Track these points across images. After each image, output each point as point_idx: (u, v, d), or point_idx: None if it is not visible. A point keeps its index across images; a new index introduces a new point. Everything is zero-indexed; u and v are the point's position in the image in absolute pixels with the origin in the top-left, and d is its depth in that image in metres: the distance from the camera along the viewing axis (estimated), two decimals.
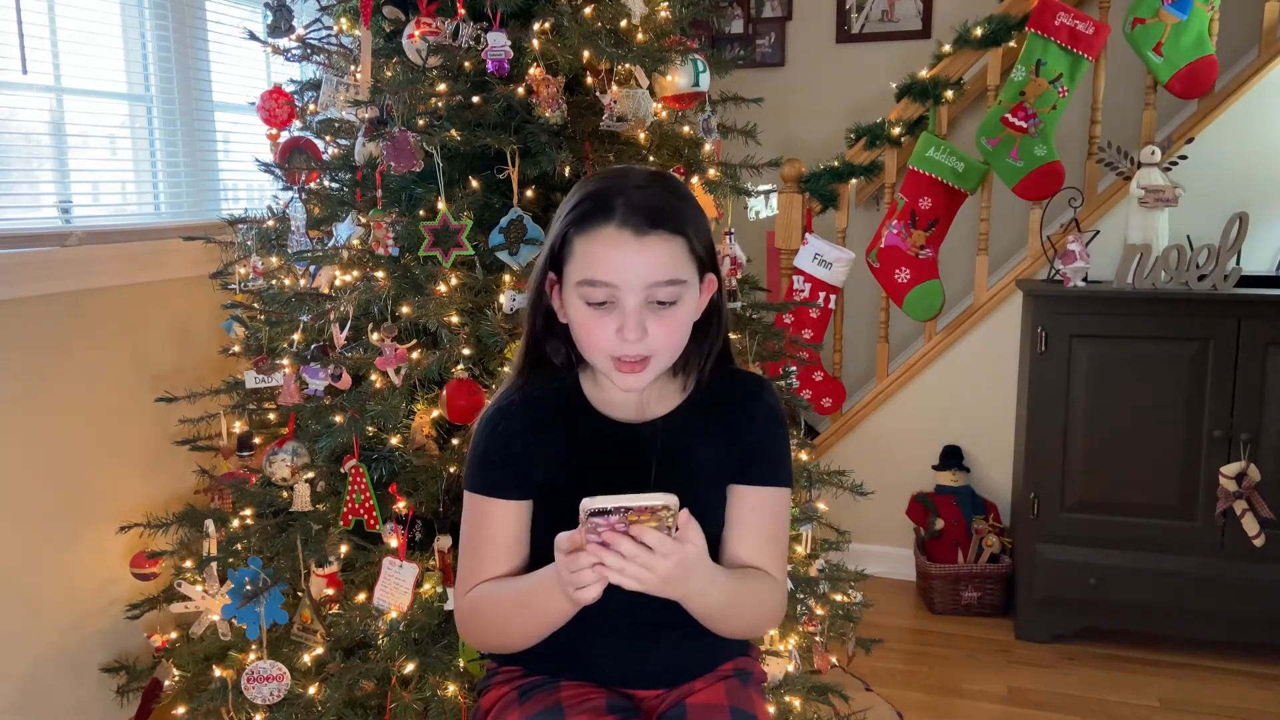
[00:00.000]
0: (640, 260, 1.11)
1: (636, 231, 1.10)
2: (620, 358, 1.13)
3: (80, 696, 2.13)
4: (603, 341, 1.13)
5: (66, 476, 2.09)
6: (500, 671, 1.31)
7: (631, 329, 1.11)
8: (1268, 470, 2.59)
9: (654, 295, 1.12)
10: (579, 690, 1.23)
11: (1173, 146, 2.80)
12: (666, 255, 1.12)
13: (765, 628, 1.28)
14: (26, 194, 2.10)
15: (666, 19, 1.86)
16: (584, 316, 1.14)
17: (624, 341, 1.12)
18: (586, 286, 1.12)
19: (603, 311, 1.13)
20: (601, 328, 1.13)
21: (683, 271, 1.14)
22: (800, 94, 4.01)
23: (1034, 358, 2.75)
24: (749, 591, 1.20)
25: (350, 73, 1.76)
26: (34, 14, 2.03)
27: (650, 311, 1.13)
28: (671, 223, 1.12)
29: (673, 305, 1.14)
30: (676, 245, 1.13)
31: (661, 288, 1.12)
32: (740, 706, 1.22)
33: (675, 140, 1.92)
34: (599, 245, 1.11)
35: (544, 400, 1.23)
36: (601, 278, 1.11)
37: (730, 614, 1.18)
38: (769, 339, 2.01)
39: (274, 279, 1.91)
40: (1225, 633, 2.70)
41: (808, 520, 1.98)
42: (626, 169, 1.20)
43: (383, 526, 1.60)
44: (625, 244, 1.10)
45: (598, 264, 1.11)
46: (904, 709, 2.46)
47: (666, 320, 1.13)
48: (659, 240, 1.11)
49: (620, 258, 1.10)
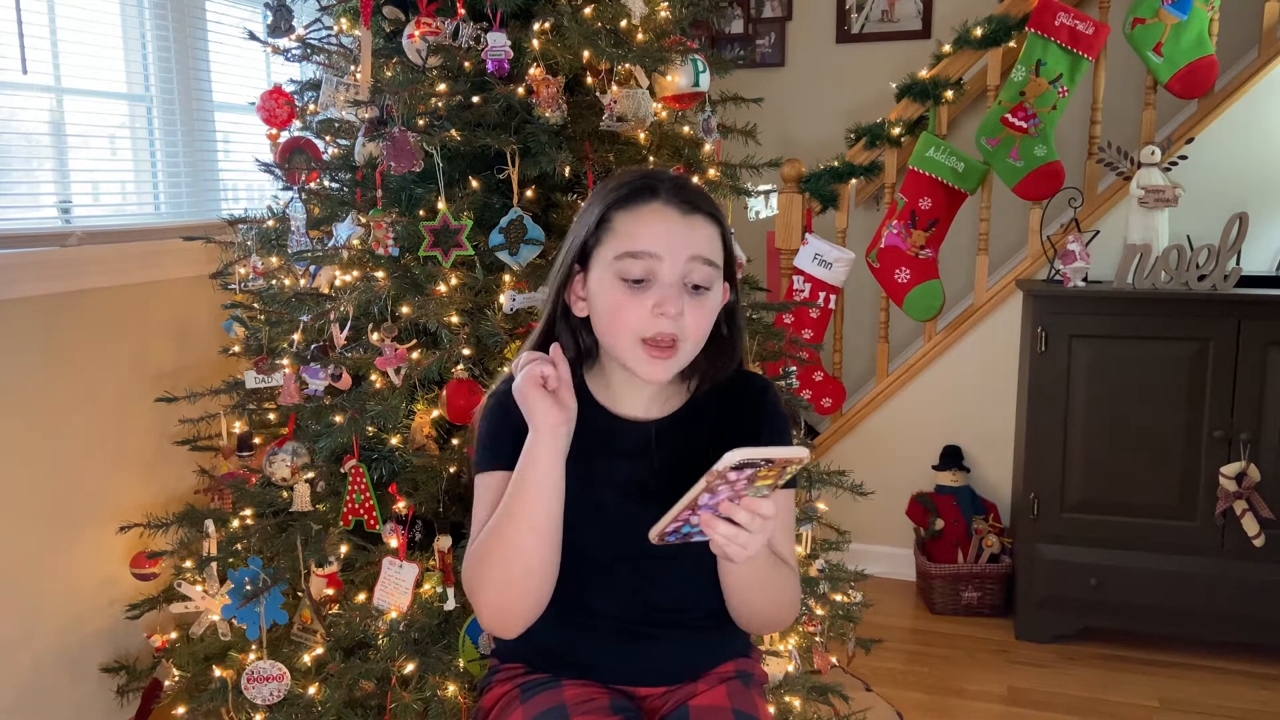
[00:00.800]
0: (685, 234, 1.13)
1: (682, 211, 1.14)
2: (653, 338, 1.12)
3: (80, 696, 2.13)
4: (634, 321, 1.12)
5: (66, 476, 2.09)
6: (502, 669, 1.31)
7: (672, 302, 1.11)
8: (1268, 470, 2.59)
9: (690, 275, 1.13)
10: (582, 690, 1.23)
11: (1173, 146, 2.80)
12: (707, 236, 1.15)
13: (785, 615, 1.27)
14: (26, 194, 2.10)
15: (666, 19, 1.86)
16: (617, 294, 1.13)
17: (660, 317, 1.11)
18: (627, 259, 1.12)
19: (638, 289, 1.12)
20: (635, 305, 1.12)
21: (718, 257, 1.16)
22: (800, 94, 4.01)
23: (1034, 358, 2.75)
24: (777, 570, 1.22)
25: (350, 73, 1.76)
26: (34, 14, 2.03)
27: (686, 294, 1.13)
28: (712, 209, 1.17)
29: (705, 292, 1.15)
30: (715, 231, 1.17)
31: (700, 265, 1.13)
32: (742, 709, 1.22)
33: (675, 140, 1.92)
34: (644, 218, 1.13)
35: None
36: (645, 248, 1.12)
37: (763, 589, 1.19)
38: (769, 339, 2.00)
39: (274, 279, 1.91)
40: (1225, 633, 2.70)
41: (808, 520, 1.98)
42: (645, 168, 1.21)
43: (383, 526, 1.60)
44: (671, 218, 1.13)
45: (641, 235, 1.12)
46: (904, 709, 2.46)
47: (698, 306, 1.14)
48: (702, 221, 1.15)
49: (665, 230, 1.12)
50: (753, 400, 1.27)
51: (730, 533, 1.03)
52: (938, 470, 3.13)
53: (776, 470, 0.99)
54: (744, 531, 1.03)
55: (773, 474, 1.00)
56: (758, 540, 1.04)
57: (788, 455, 0.98)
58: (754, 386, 1.28)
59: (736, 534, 1.03)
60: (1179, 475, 2.67)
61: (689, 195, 1.15)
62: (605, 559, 1.19)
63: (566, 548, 1.18)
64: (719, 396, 1.25)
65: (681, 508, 1.02)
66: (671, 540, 1.07)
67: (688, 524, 1.05)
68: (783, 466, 0.99)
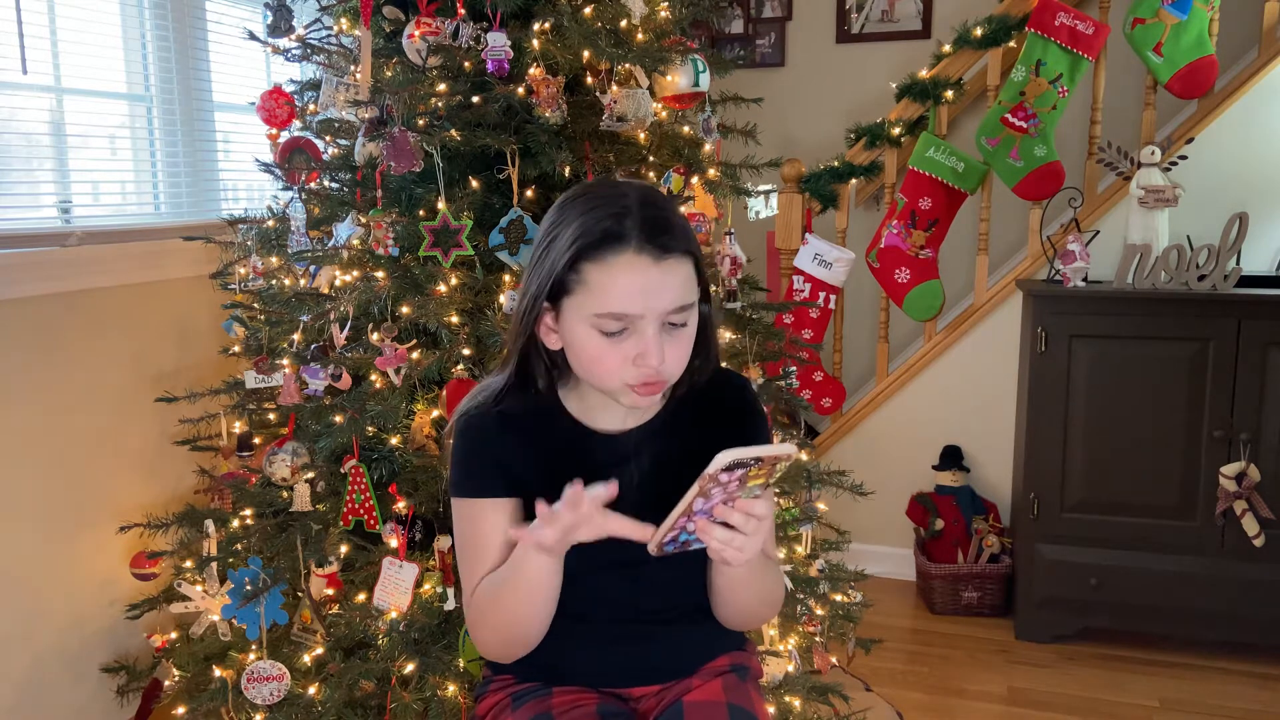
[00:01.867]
0: (662, 288, 1.08)
1: (655, 257, 1.07)
2: (638, 384, 1.11)
3: (80, 696, 2.13)
4: (615, 368, 1.10)
5: (66, 476, 2.09)
6: (495, 679, 1.31)
7: (654, 355, 1.08)
8: (1268, 470, 2.59)
9: (669, 318, 1.10)
10: (570, 696, 1.23)
11: (1173, 146, 2.80)
12: (682, 279, 1.10)
13: (772, 610, 1.28)
14: (26, 194, 2.10)
15: (666, 19, 1.86)
16: (595, 347, 1.10)
17: (644, 369, 1.09)
18: (607, 319, 1.08)
19: (617, 340, 1.09)
20: (616, 355, 1.10)
21: (693, 294, 1.12)
22: (800, 94, 4.01)
23: (1034, 358, 2.75)
24: (766, 568, 1.22)
25: (350, 73, 1.76)
26: (34, 14, 2.03)
27: (665, 334, 1.11)
28: (683, 243, 1.10)
29: (684, 326, 1.12)
30: (689, 267, 1.11)
31: (678, 313, 1.10)
32: (738, 703, 1.22)
33: (675, 140, 1.92)
34: (619, 274, 1.07)
35: (521, 414, 1.20)
36: (623, 309, 1.07)
37: (753, 588, 1.20)
38: (769, 339, 2.01)
39: (274, 279, 1.91)
40: (1225, 633, 2.70)
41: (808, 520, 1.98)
42: (609, 182, 1.16)
43: (383, 526, 1.60)
44: (647, 270, 1.07)
45: (617, 295, 1.07)
46: (904, 709, 2.46)
47: (678, 342, 1.12)
48: (676, 264, 1.09)
49: (641, 286, 1.07)
50: (731, 401, 1.25)
51: (726, 537, 1.03)
52: (938, 470, 3.13)
53: (767, 469, 1.00)
54: (739, 535, 1.03)
55: (763, 473, 1.00)
56: (754, 542, 1.04)
57: (777, 453, 0.98)
58: (731, 386, 1.27)
59: (732, 538, 1.03)
60: (1179, 475, 2.67)
61: (660, 238, 1.08)
62: (591, 570, 1.18)
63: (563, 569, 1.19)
64: (696, 399, 1.24)
65: (677, 516, 1.01)
66: (670, 550, 1.07)
67: (685, 531, 1.04)
68: (773, 464, 0.99)
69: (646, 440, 1.21)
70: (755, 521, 1.03)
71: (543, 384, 1.19)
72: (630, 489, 1.18)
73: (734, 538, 1.03)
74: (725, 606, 1.23)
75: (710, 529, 1.03)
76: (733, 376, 1.29)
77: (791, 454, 0.99)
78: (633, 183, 1.16)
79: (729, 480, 0.98)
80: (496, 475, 1.19)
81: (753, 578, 1.19)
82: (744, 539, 1.03)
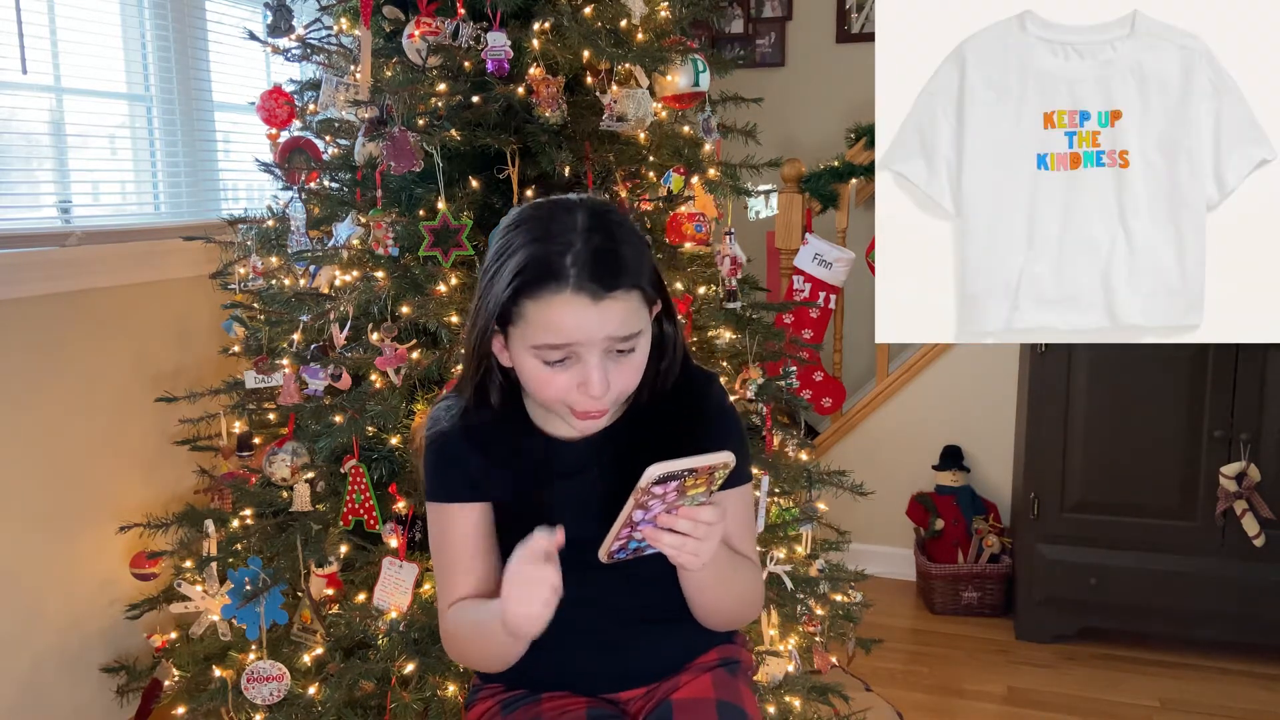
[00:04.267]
0: (599, 322, 1.06)
1: (594, 297, 1.05)
2: (583, 411, 1.10)
3: (80, 697, 2.13)
4: (560, 393, 1.09)
5: (66, 476, 2.09)
6: (485, 687, 1.30)
7: (596, 384, 1.07)
8: (1268, 470, 2.59)
9: (613, 345, 1.08)
10: (559, 703, 1.22)
11: None
12: (624, 313, 1.07)
13: (750, 610, 1.27)
14: (26, 194, 2.11)
15: (666, 19, 1.86)
16: (539, 372, 1.09)
17: (587, 396, 1.08)
18: (546, 349, 1.07)
19: (560, 368, 1.08)
20: (559, 382, 1.08)
21: (639, 323, 1.10)
22: (800, 94, 4.01)
23: (1034, 358, 2.75)
24: (737, 568, 1.21)
25: (350, 73, 1.75)
26: (34, 14, 2.03)
27: (610, 360, 1.09)
28: (627, 278, 1.07)
29: (632, 351, 1.10)
30: (633, 300, 1.09)
31: (620, 342, 1.08)
32: (727, 699, 1.20)
33: (675, 140, 1.92)
34: (554, 311, 1.05)
35: (484, 426, 1.19)
36: (560, 340, 1.06)
37: (724, 588, 1.19)
38: (769, 339, 2.00)
39: (274, 279, 1.91)
40: (1225, 633, 2.70)
41: (808, 520, 1.98)
42: (562, 204, 1.12)
43: (383, 526, 1.60)
44: (585, 310, 1.05)
45: (554, 329, 1.05)
46: (904, 709, 2.46)
47: (625, 367, 1.10)
48: (617, 301, 1.06)
49: (578, 323, 1.05)
50: (696, 400, 1.23)
51: (677, 542, 1.03)
52: (938, 470, 3.13)
53: (704, 478, 0.99)
54: (691, 539, 1.03)
55: (701, 481, 1.00)
56: (708, 546, 1.04)
57: (710, 462, 0.97)
58: (695, 384, 1.23)
59: (684, 543, 1.03)
60: (1179, 475, 2.67)
61: (601, 276, 1.05)
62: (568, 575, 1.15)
63: None
64: (661, 399, 1.21)
65: (619, 527, 1.01)
66: (621, 557, 1.07)
67: (633, 539, 1.05)
68: (710, 473, 0.98)
69: (608, 444, 1.19)
70: (705, 526, 1.03)
71: (496, 400, 1.18)
72: (594, 494, 1.17)
73: (685, 542, 1.03)
74: (699, 608, 1.22)
75: (659, 535, 1.03)
76: (699, 375, 1.25)
77: (728, 462, 0.99)
78: (585, 202, 1.12)
79: (665, 492, 0.98)
80: (465, 481, 1.19)
81: (721, 579, 1.17)
82: (696, 543, 1.03)
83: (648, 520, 1.02)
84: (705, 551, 1.04)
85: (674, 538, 1.03)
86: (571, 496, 1.18)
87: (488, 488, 1.20)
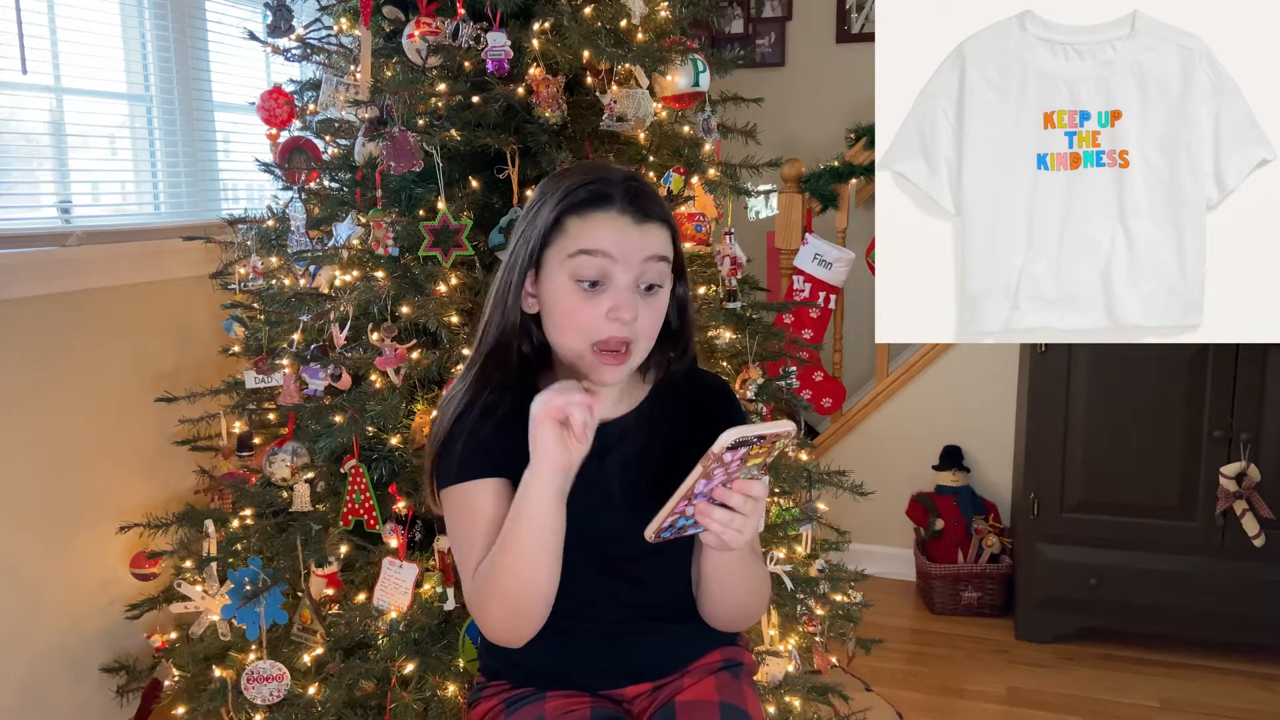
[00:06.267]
0: (639, 240, 1.13)
1: (636, 219, 1.14)
2: (605, 341, 1.12)
3: (80, 696, 2.13)
4: (588, 324, 1.12)
5: (66, 476, 2.09)
6: (489, 685, 1.30)
7: (626, 307, 1.11)
8: (1268, 470, 2.59)
9: (645, 275, 1.14)
10: (564, 701, 1.23)
11: None
12: (660, 239, 1.16)
13: (761, 606, 1.28)
14: (26, 194, 2.10)
15: (666, 19, 1.86)
16: (571, 298, 1.13)
17: (615, 321, 1.11)
18: (582, 256, 1.12)
19: (592, 293, 1.12)
20: (590, 309, 1.12)
21: (670, 253, 1.17)
22: (800, 94, 4.01)
23: (1034, 358, 2.75)
24: (755, 558, 1.24)
25: (350, 73, 1.75)
26: (34, 14, 2.03)
27: (639, 296, 1.14)
28: (664, 214, 1.17)
29: (658, 291, 1.16)
30: (667, 234, 1.17)
31: (654, 264, 1.14)
32: (730, 701, 1.21)
33: (675, 140, 1.92)
34: (598, 225, 1.13)
35: (503, 409, 1.19)
36: (602, 247, 1.11)
37: (745, 579, 1.20)
38: (769, 339, 2.00)
39: (274, 279, 1.91)
40: (1225, 633, 2.70)
41: (808, 520, 1.97)
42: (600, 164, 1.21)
43: (383, 526, 1.60)
44: (627, 228, 1.13)
45: (599, 238, 1.12)
46: (904, 709, 2.46)
47: (651, 306, 1.15)
48: (655, 227, 1.15)
49: (619, 237, 1.12)
50: (710, 398, 1.28)
51: (726, 518, 1.05)
52: (938, 470, 3.14)
53: (767, 447, 1.01)
54: (739, 515, 1.05)
55: (763, 451, 1.02)
56: (751, 524, 1.06)
57: (779, 430, 1.00)
58: (710, 385, 1.30)
59: (732, 519, 1.05)
60: (1179, 475, 2.67)
61: (643, 203, 1.15)
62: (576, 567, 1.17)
63: None
64: (674, 396, 1.25)
65: (679, 499, 1.02)
66: (668, 536, 1.07)
67: (683, 516, 1.05)
68: (773, 442, 1.01)
69: (628, 430, 1.22)
70: (753, 502, 1.05)
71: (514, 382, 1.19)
72: (613, 480, 1.19)
73: (734, 518, 1.05)
74: (715, 603, 1.22)
75: (710, 511, 1.04)
76: (711, 378, 1.32)
77: (791, 430, 1.01)
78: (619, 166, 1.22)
79: (731, 460, 1.00)
80: (485, 458, 1.18)
81: (744, 567, 1.20)
82: (743, 519, 1.05)
83: (705, 493, 1.03)
84: (749, 529, 1.06)
85: (724, 514, 1.05)
86: (586, 482, 1.16)
87: (505, 470, 1.18)
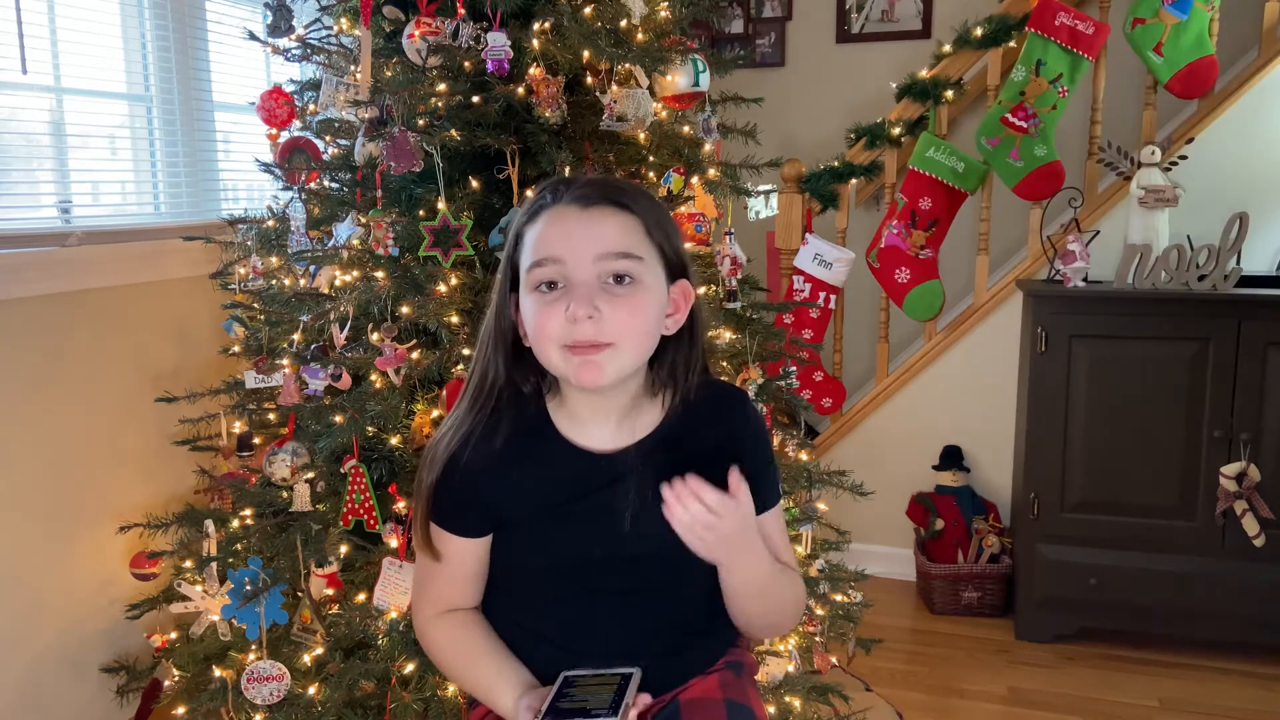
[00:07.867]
0: (586, 232, 1.06)
1: (580, 205, 1.08)
2: (573, 345, 1.05)
3: (80, 697, 2.13)
4: (554, 329, 1.06)
5: (66, 476, 2.09)
6: None
7: (581, 304, 1.03)
8: (1268, 470, 2.59)
9: (606, 271, 1.06)
10: None
11: (1173, 146, 2.80)
12: (616, 228, 1.08)
13: (793, 617, 1.25)
14: (26, 194, 2.10)
15: (666, 19, 1.86)
16: (536, 306, 1.08)
17: (574, 322, 1.04)
18: (536, 269, 1.07)
19: (553, 297, 1.06)
20: (552, 314, 1.06)
21: (637, 247, 1.08)
22: (800, 94, 4.01)
23: (1034, 358, 2.75)
24: (783, 572, 1.21)
25: (350, 73, 1.75)
26: (34, 14, 2.03)
27: (604, 292, 1.06)
28: (620, 199, 1.09)
29: (630, 285, 1.07)
30: (627, 220, 1.09)
31: (612, 260, 1.06)
32: (735, 699, 1.20)
33: (675, 140, 1.92)
34: (546, 226, 1.08)
35: (507, 433, 1.15)
36: (546, 253, 1.07)
37: (769, 591, 1.18)
38: (769, 339, 2.00)
39: (274, 279, 1.90)
40: (1225, 633, 2.70)
41: (808, 520, 1.97)
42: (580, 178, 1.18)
43: (383, 526, 1.60)
44: (570, 217, 1.07)
45: (544, 242, 1.08)
46: (904, 709, 2.46)
47: (624, 302, 1.06)
48: (606, 212, 1.08)
49: (563, 231, 1.07)
50: (732, 415, 1.21)
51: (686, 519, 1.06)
52: (938, 470, 3.13)
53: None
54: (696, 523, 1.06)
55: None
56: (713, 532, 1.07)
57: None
58: (732, 400, 1.22)
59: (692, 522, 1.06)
60: (1179, 475, 2.67)
61: (589, 190, 1.09)
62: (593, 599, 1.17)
63: (551, 592, 1.18)
64: (694, 414, 1.18)
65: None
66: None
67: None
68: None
69: (642, 458, 1.15)
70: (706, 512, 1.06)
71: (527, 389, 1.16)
72: (629, 507, 1.14)
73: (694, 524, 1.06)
74: (740, 613, 1.21)
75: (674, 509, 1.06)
76: (733, 391, 1.25)
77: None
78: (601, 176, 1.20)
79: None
80: (471, 515, 1.17)
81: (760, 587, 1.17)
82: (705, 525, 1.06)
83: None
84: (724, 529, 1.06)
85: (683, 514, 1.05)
86: (602, 512, 1.14)
87: (507, 513, 1.16)
